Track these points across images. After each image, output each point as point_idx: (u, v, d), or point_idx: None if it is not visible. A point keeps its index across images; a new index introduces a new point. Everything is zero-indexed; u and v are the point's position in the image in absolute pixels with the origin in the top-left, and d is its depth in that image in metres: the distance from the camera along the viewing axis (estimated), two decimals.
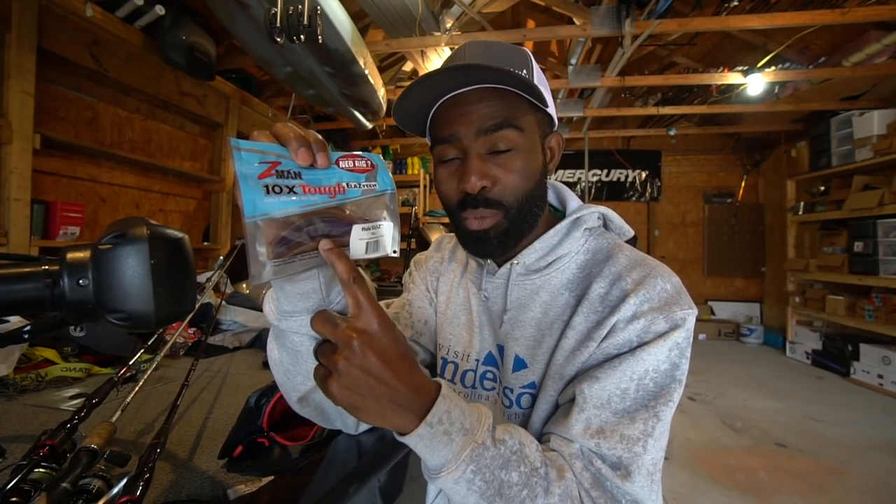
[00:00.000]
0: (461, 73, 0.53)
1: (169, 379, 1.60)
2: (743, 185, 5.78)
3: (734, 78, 3.56)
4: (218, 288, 2.49)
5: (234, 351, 2.11)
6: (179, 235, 0.38)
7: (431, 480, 0.43)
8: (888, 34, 3.01)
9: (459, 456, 0.41)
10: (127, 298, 0.34)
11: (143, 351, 1.39)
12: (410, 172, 5.73)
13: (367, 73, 2.78)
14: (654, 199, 5.90)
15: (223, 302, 2.33)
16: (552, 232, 0.60)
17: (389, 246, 0.44)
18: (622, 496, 0.46)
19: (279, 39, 1.93)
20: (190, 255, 0.39)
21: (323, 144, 0.40)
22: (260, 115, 3.96)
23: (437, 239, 0.81)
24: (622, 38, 2.74)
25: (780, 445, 2.65)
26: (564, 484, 0.45)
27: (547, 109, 0.59)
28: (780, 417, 3.07)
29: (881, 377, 3.58)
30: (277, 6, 1.90)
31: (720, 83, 3.77)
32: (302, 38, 1.94)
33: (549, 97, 0.59)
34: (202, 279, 2.42)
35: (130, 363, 1.18)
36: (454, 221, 0.60)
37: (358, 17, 2.91)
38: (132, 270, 0.34)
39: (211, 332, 2.09)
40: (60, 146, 2.36)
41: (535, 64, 0.59)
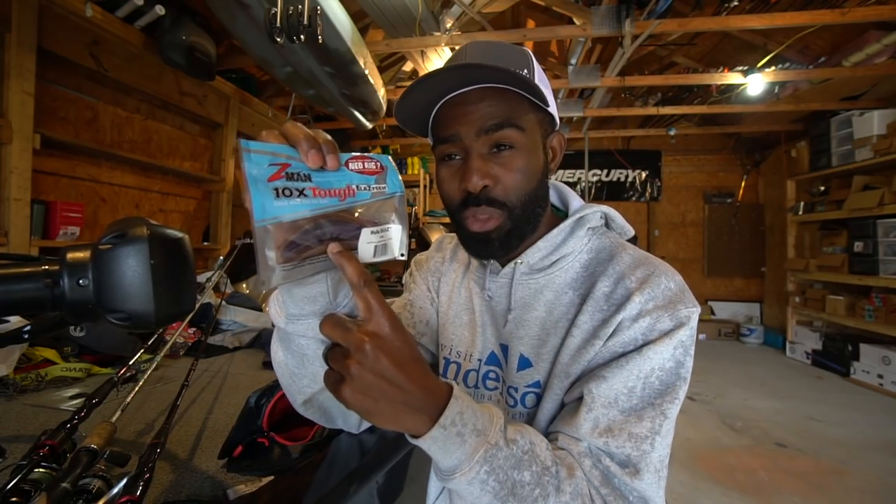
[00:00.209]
0: (463, 72, 0.53)
1: (169, 379, 1.60)
2: (743, 185, 5.78)
3: (734, 78, 3.56)
4: (218, 288, 2.49)
5: (234, 351, 2.11)
6: (179, 235, 0.38)
7: (444, 482, 0.43)
8: (888, 34, 3.01)
9: (473, 457, 0.41)
10: (127, 298, 0.34)
11: (143, 351, 1.39)
12: (410, 172, 5.73)
13: (367, 73, 2.78)
14: (654, 199, 5.89)
15: (223, 302, 2.33)
16: (556, 231, 0.60)
17: (397, 249, 0.43)
18: (630, 493, 0.47)
19: (279, 39, 1.93)
20: (190, 255, 0.38)
21: (333, 146, 0.40)
22: (260, 115, 3.96)
23: (437, 239, 0.81)
24: (622, 38, 2.74)
25: (780, 445, 2.65)
26: (575, 482, 0.45)
27: (548, 109, 0.59)
28: (780, 417, 3.07)
29: (881, 377, 3.58)
30: (277, 6, 1.90)
31: (720, 83, 3.77)
32: (302, 38, 1.94)
33: (550, 97, 0.59)
34: (202, 279, 2.42)
35: (130, 363, 1.18)
36: (455, 221, 0.60)
37: (358, 17, 2.91)
38: (132, 270, 0.34)
39: (211, 332, 2.09)
40: (60, 146, 2.36)
41: (536, 64, 0.60)
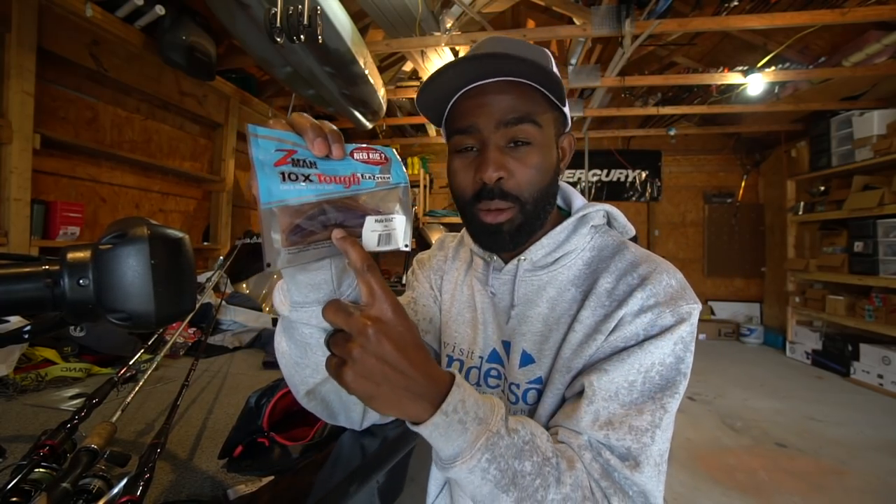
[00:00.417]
0: (489, 62, 0.52)
1: (169, 379, 1.60)
2: (743, 185, 5.78)
3: (734, 78, 3.56)
4: (218, 288, 2.49)
5: (234, 351, 2.11)
6: (179, 235, 0.38)
7: (445, 471, 0.43)
8: (888, 34, 3.02)
9: (475, 445, 0.42)
10: (127, 298, 0.34)
11: (143, 351, 1.39)
12: (410, 172, 5.73)
13: (367, 73, 2.78)
14: (654, 199, 5.90)
15: (223, 302, 2.33)
16: (559, 229, 0.61)
17: (401, 240, 0.44)
18: (630, 487, 0.47)
19: (279, 39, 1.93)
20: (190, 255, 0.38)
21: (338, 135, 0.40)
22: (260, 115, 3.96)
23: (438, 238, 0.82)
24: (622, 38, 2.74)
25: (780, 445, 2.65)
26: (575, 474, 0.45)
27: (563, 108, 0.60)
28: (780, 417, 3.07)
29: (881, 377, 3.58)
30: (277, 6, 1.90)
31: (720, 83, 3.77)
32: (302, 38, 1.94)
33: (565, 99, 0.60)
34: (202, 279, 2.42)
35: (130, 363, 1.18)
36: (466, 214, 0.60)
37: (358, 17, 2.91)
38: (132, 270, 0.34)
39: (211, 332, 2.09)
40: (60, 146, 2.36)
41: (554, 64, 0.60)
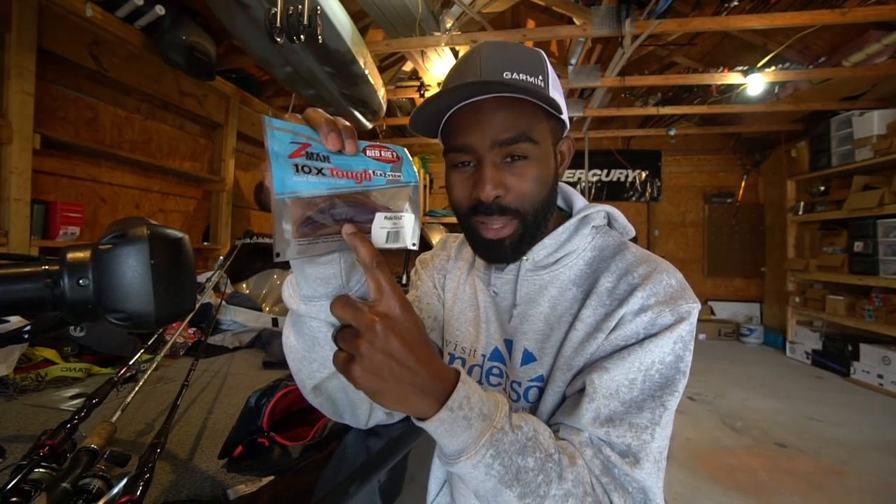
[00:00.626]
0: (481, 87, 0.53)
1: (169, 379, 1.60)
2: (743, 185, 5.78)
3: (734, 78, 3.56)
4: (218, 288, 2.49)
5: (234, 351, 2.11)
6: (179, 235, 0.38)
7: (449, 466, 0.44)
8: (888, 34, 3.01)
9: (479, 440, 0.42)
10: (127, 298, 0.34)
11: (143, 351, 1.39)
12: None
13: (367, 73, 2.78)
14: (654, 199, 5.90)
15: (223, 302, 2.33)
16: (560, 229, 0.61)
17: (409, 238, 0.44)
18: (629, 483, 0.48)
19: (279, 39, 1.93)
20: (190, 255, 0.39)
21: (352, 131, 0.41)
22: (260, 114, 3.96)
23: (441, 239, 0.82)
24: (622, 38, 2.74)
25: (780, 445, 2.65)
26: (577, 470, 0.46)
27: (561, 116, 0.59)
28: (780, 417, 3.07)
29: (881, 377, 3.58)
30: (277, 6, 1.89)
31: (720, 83, 3.77)
32: (302, 38, 1.94)
33: (563, 103, 0.59)
34: (202, 279, 2.42)
35: (130, 363, 1.18)
36: (465, 225, 0.61)
37: (358, 17, 2.91)
38: (132, 270, 0.34)
39: (211, 332, 2.09)
40: (60, 146, 2.36)
41: (550, 68, 0.59)
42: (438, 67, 3.34)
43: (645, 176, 5.88)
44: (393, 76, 4.19)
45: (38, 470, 0.68)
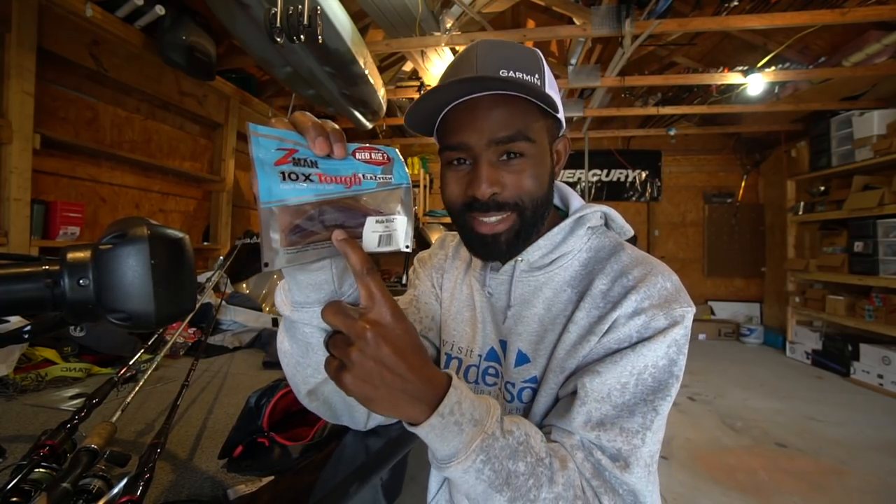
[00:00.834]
0: (477, 83, 0.52)
1: (169, 379, 1.60)
2: (743, 185, 5.78)
3: (734, 78, 3.56)
4: (218, 288, 2.49)
5: (234, 351, 2.10)
6: (179, 235, 0.38)
7: (440, 470, 0.44)
8: (888, 34, 3.02)
9: (470, 446, 0.42)
10: (127, 298, 0.34)
11: (143, 351, 1.38)
12: (410, 173, 5.70)
13: (367, 73, 2.78)
14: (654, 199, 5.90)
15: (223, 302, 2.33)
16: (556, 230, 0.61)
17: (402, 240, 0.43)
18: (620, 486, 0.48)
19: (279, 39, 1.93)
20: (190, 255, 0.38)
21: (340, 135, 0.40)
22: (260, 114, 3.96)
23: (439, 238, 0.82)
24: (622, 38, 2.74)
25: (780, 445, 2.65)
26: (567, 474, 0.46)
27: (557, 115, 0.59)
28: (780, 417, 3.07)
29: (881, 377, 3.58)
30: (277, 6, 1.90)
31: (720, 83, 3.77)
32: (302, 38, 1.94)
33: (559, 102, 0.59)
34: (202, 279, 2.42)
35: (130, 363, 1.18)
36: (459, 222, 0.60)
37: (358, 17, 2.91)
38: (132, 270, 0.34)
39: (211, 332, 2.09)
40: (60, 146, 2.36)
41: (546, 66, 0.59)
42: (438, 67, 3.34)
43: (645, 176, 5.88)
44: (393, 76, 4.19)
45: (38, 470, 0.68)
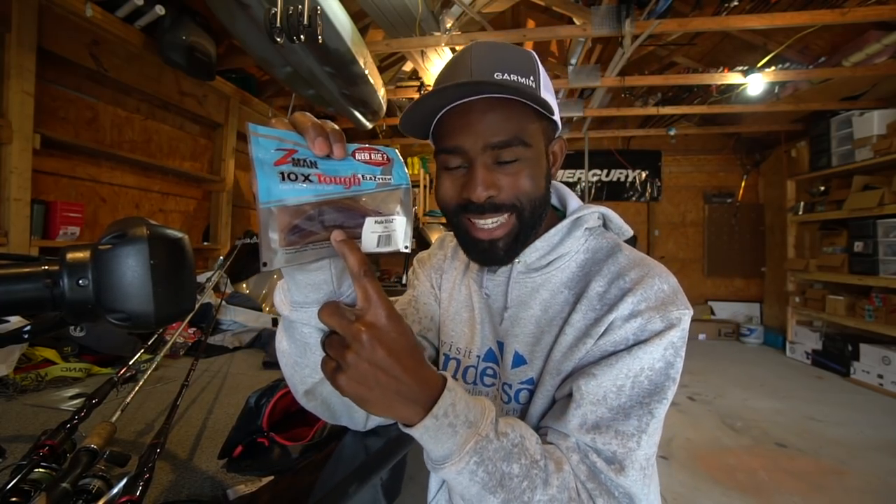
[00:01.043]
0: (471, 87, 0.52)
1: (169, 379, 1.60)
2: (743, 185, 5.78)
3: (734, 78, 3.56)
4: (218, 288, 2.48)
5: (234, 351, 2.10)
6: (179, 235, 0.38)
7: (435, 471, 0.44)
8: (888, 34, 3.02)
9: (463, 448, 0.42)
10: (127, 298, 0.34)
11: (143, 351, 1.38)
12: (410, 172, 5.71)
13: (367, 73, 2.78)
14: (654, 199, 5.90)
15: (223, 302, 2.33)
16: (553, 231, 0.61)
17: (401, 241, 0.43)
18: (615, 489, 0.48)
19: (279, 39, 1.93)
20: (190, 255, 0.39)
21: (340, 135, 0.40)
22: (260, 115, 3.96)
23: (439, 238, 0.82)
24: (622, 38, 2.74)
25: (780, 445, 2.65)
26: (562, 476, 0.46)
27: (552, 117, 0.59)
28: (780, 417, 3.07)
29: (881, 377, 3.58)
30: (277, 6, 1.89)
31: (720, 83, 3.77)
32: (302, 38, 1.94)
33: (554, 104, 0.59)
34: (202, 279, 2.41)
35: (130, 363, 1.18)
36: (454, 223, 0.60)
37: (358, 17, 2.91)
38: (132, 270, 0.34)
39: (211, 332, 2.09)
40: (60, 146, 2.36)
41: (541, 68, 0.59)
42: (438, 67, 3.34)
43: (645, 176, 5.88)
44: (393, 76, 4.19)
45: (37, 470, 0.68)
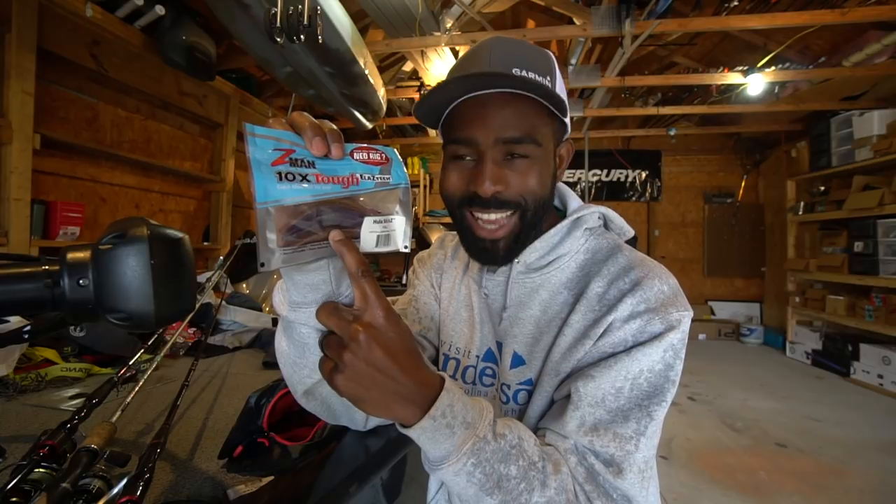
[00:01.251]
0: (492, 79, 0.52)
1: (169, 379, 1.60)
2: (743, 185, 5.78)
3: (734, 78, 3.56)
4: (218, 288, 2.48)
5: (234, 351, 2.10)
6: (179, 235, 0.38)
7: (432, 472, 0.44)
8: (888, 34, 3.02)
9: (461, 449, 0.42)
10: (127, 298, 0.34)
11: (143, 351, 1.38)
12: (410, 172, 5.73)
13: (367, 73, 2.78)
14: (654, 199, 5.89)
15: (223, 302, 2.33)
16: (553, 231, 0.60)
17: (400, 241, 0.43)
18: (613, 491, 0.48)
19: (279, 39, 1.92)
20: (190, 255, 0.39)
21: (338, 135, 0.40)
22: (260, 115, 3.96)
23: (439, 237, 0.81)
24: (622, 38, 2.74)
25: (780, 445, 2.65)
26: (560, 478, 0.46)
27: (564, 119, 0.59)
28: (780, 417, 3.07)
29: (881, 377, 3.58)
30: (277, 6, 1.89)
31: (720, 83, 3.77)
32: (302, 38, 1.94)
33: (567, 107, 0.58)
34: (202, 279, 2.41)
35: (130, 363, 1.18)
36: (457, 216, 0.59)
37: (358, 17, 2.91)
38: (132, 270, 0.34)
39: (211, 332, 2.09)
40: (60, 146, 2.36)
41: (558, 70, 0.58)
42: (438, 67, 3.35)
43: (645, 176, 5.88)
44: (393, 76, 4.19)
45: (38, 470, 0.68)
